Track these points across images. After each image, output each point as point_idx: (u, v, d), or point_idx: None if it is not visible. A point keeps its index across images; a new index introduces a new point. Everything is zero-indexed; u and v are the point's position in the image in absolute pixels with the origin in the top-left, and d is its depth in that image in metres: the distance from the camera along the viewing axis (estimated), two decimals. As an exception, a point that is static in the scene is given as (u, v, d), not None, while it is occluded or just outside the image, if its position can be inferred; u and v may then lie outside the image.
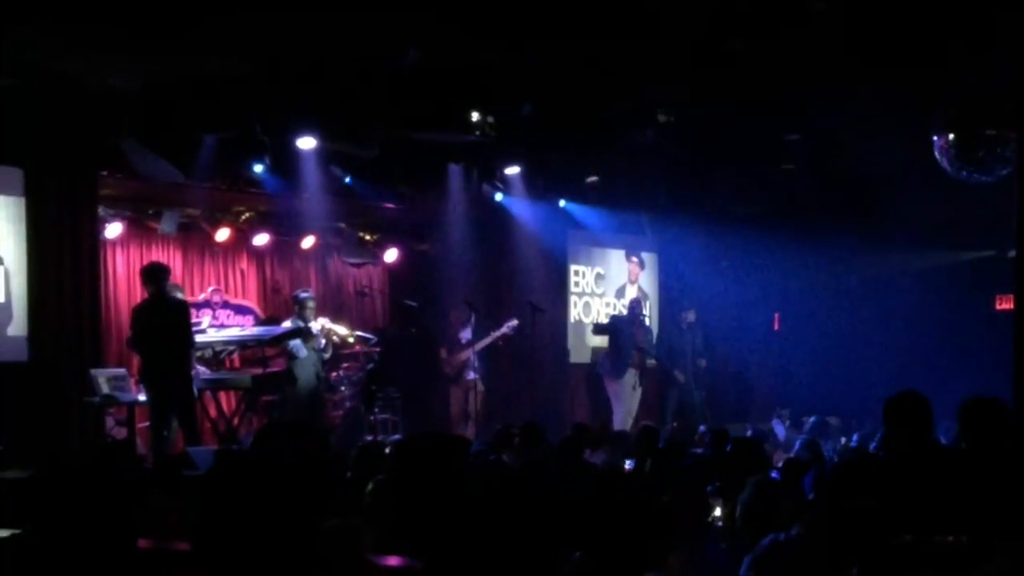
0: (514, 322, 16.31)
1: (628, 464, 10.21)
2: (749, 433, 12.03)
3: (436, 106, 12.87)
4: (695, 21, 10.77)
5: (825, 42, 11.34)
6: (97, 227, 13.39)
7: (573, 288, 18.57)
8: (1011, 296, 19.11)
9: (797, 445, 11.71)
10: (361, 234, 17.19)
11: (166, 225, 14.72)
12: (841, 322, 19.10)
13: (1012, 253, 18.58)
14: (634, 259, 19.42)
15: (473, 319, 16.22)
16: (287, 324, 14.14)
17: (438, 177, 15.65)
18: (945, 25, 10.86)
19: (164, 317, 11.87)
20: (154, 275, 12.12)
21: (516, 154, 15.87)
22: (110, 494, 4.62)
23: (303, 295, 14.41)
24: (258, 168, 13.86)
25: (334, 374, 15.11)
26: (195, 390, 12.44)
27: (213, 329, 14.59)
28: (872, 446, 11.18)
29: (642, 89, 13.07)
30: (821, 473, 7.59)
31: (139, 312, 12.18)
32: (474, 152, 15.13)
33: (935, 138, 12.61)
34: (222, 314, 15.66)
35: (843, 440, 13.56)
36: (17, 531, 4.64)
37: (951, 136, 12.41)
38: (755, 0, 10.58)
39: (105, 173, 13.18)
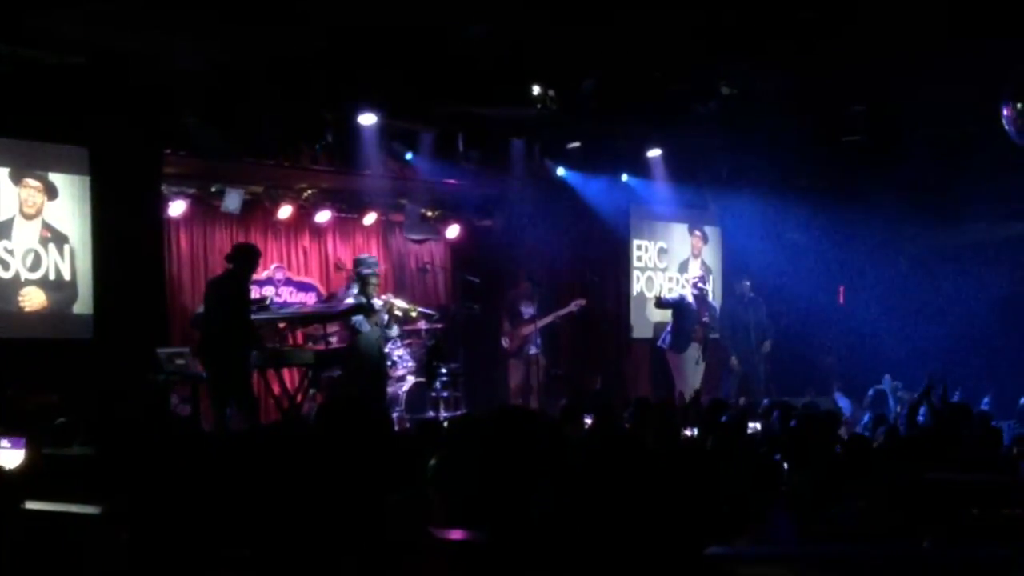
0: (581, 301, 16.32)
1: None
2: (802, 405, 11.90)
3: (498, 80, 12.83)
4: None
5: (892, 13, 11.20)
6: (161, 205, 13.47)
7: (636, 263, 18.47)
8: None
9: (866, 419, 11.64)
10: (423, 210, 17.18)
11: (229, 203, 14.79)
12: (905, 295, 18.92)
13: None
14: (697, 233, 19.30)
15: (535, 295, 16.19)
16: (349, 300, 14.09)
17: (500, 152, 15.58)
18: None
19: (224, 294, 11.87)
20: (238, 254, 12.15)
21: (578, 128, 15.80)
22: (179, 470, 4.66)
23: (366, 271, 13.95)
24: (320, 145, 13.89)
25: (396, 350, 15.12)
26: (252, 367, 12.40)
27: (275, 306, 14.63)
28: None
29: (705, 61, 12.96)
30: (886, 444, 7.54)
31: (208, 285, 12.44)
32: (536, 127, 15.08)
33: (1003, 107, 12.45)
34: (285, 291, 15.75)
35: (898, 409, 13.46)
36: (88, 507, 4.67)
37: (1019, 105, 12.25)
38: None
39: (169, 151, 13.22)
